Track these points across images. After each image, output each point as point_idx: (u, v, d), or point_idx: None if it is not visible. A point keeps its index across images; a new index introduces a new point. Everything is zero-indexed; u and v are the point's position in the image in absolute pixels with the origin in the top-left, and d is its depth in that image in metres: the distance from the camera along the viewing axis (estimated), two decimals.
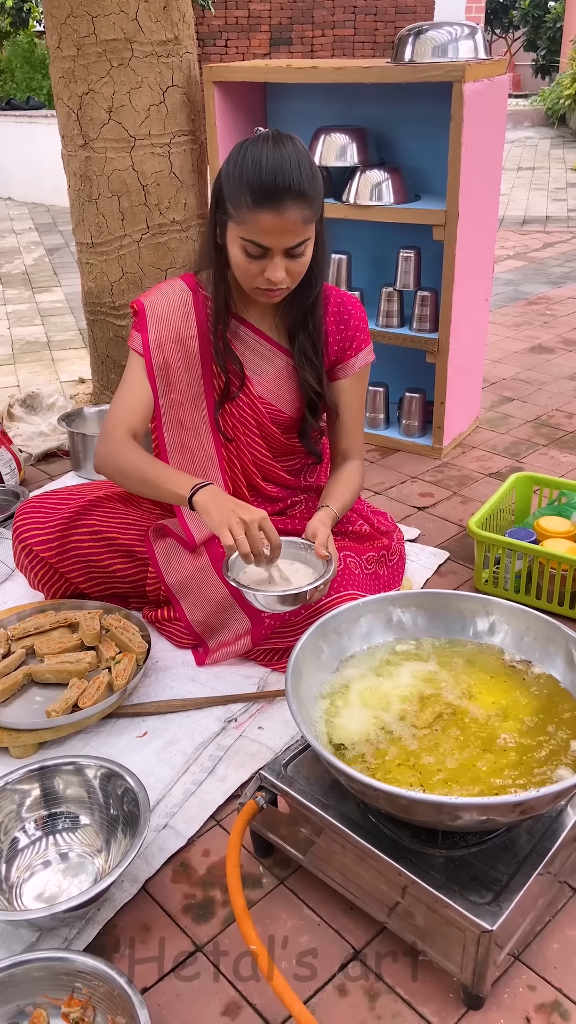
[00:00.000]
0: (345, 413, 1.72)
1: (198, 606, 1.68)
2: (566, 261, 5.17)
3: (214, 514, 1.42)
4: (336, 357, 1.69)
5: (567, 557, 1.77)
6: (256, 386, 1.67)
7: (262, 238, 1.41)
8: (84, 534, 1.72)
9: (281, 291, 1.51)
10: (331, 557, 1.49)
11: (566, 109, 11.53)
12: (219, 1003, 1.10)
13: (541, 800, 0.96)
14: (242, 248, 1.44)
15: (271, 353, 1.67)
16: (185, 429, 1.69)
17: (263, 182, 1.37)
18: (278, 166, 1.37)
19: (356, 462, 1.74)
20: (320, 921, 1.20)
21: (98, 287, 2.64)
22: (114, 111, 2.42)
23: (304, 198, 1.39)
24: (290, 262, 1.45)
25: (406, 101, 2.48)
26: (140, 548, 1.73)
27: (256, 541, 1.41)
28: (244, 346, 1.66)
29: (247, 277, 1.49)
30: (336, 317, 1.67)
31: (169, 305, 1.62)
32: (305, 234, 1.43)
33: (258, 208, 1.38)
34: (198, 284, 1.63)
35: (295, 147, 1.41)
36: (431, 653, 1.29)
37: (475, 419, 2.85)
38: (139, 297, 1.63)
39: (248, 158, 1.40)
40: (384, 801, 1.02)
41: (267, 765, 1.21)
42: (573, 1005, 1.08)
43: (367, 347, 1.71)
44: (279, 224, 1.39)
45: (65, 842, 1.29)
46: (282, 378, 1.68)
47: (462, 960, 1.04)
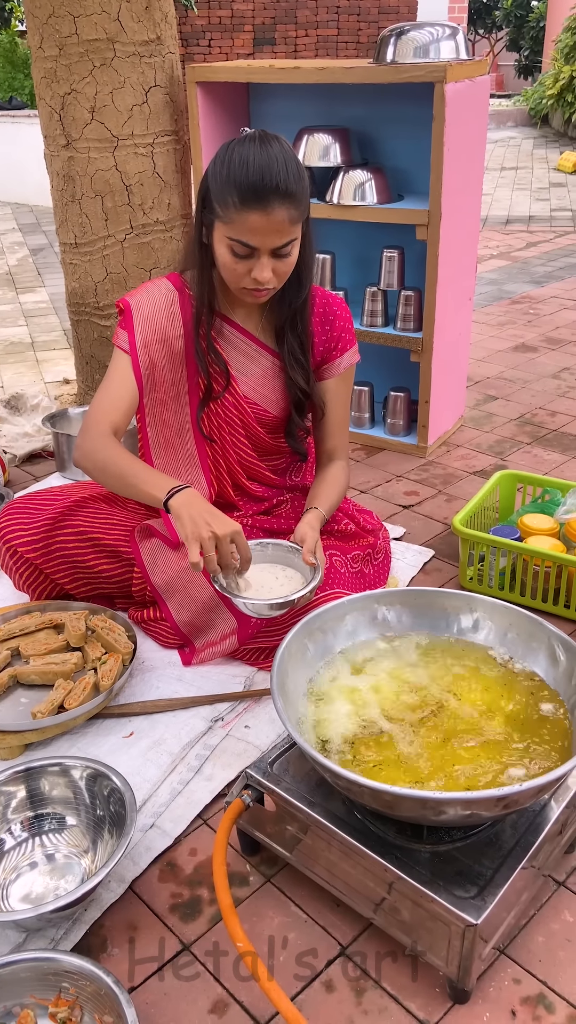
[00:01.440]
0: (330, 413, 1.73)
1: (184, 606, 1.68)
2: (549, 260, 5.21)
3: (186, 524, 1.40)
4: (322, 358, 1.70)
5: (550, 554, 1.78)
6: (241, 386, 1.67)
7: (249, 238, 1.41)
8: (69, 535, 1.72)
9: (267, 291, 1.51)
10: (318, 564, 1.50)
11: (549, 109, 11.59)
12: (207, 1001, 1.10)
13: (524, 794, 0.97)
14: (229, 248, 1.44)
15: (257, 353, 1.67)
16: (169, 428, 1.70)
17: (251, 182, 1.37)
18: (265, 166, 1.37)
19: (341, 462, 1.75)
20: (307, 918, 1.20)
21: (82, 287, 2.63)
22: (97, 111, 2.42)
23: (291, 198, 1.39)
24: (276, 262, 1.46)
25: (388, 101, 2.48)
26: (125, 548, 1.73)
27: (225, 555, 1.40)
28: (230, 346, 1.66)
29: (234, 277, 1.49)
30: (321, 318, 1.68)
31: (155, 305, 1.61)
32: (292, 234, 1.44)
33: (245, 208, 1.38)
34: (184, 284, 1.63)
35: (282, 147, 1.42)
36: (416, 650, 1.30)
37: (459, 418, 2.87)
38: (125, 296, 1.63)
39: (235, 158, 1.40)
40: (369, 797, 1.02)
41: (253, 763, 1.22)
42: (558, 998, 1.09)
43: (352, 348, 1.72)
44: (266, 224, 1.39)
45: (51, 843, 1.29)
46: (268, 378, 1.68)
47: (447, 954, 1.04)
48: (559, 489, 2.06)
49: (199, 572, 1.45)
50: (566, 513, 1.93)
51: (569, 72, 10.44)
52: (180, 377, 1.66)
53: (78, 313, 2.71)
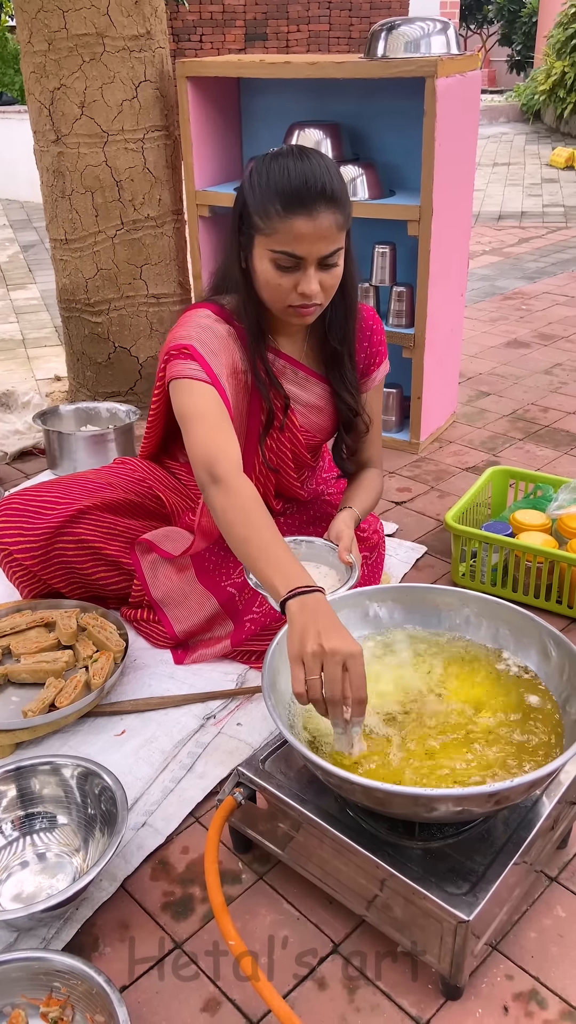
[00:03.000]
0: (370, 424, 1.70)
1: (185, 618, 1.67)
2: (541, 256, 5.21)
3: (295, 635, 1.09)
4: (361, 373, 1.66)
5: (542, 550, 1.78)
6: (297, 416, 1.63)
7: (295, 247, 1.34)
8: (69, 543, 1.65)
9: (314, 308, 1.42)
10: (354, 562, 1.48)
11: (541, 105, 11.59)
12: (198, 999, 1.10)
13: (515, 790, 0.97)
14: (273, 262, 1.36)
15: (307, 381, 1.61)
16: None
17: (294, 187, 1.31)
18: (308, 171, 1.32)
19: (377, 470, 1.74)
20: (299, 916, 1.20)
21: (72, 284, 2.62)
22: (86, 106, 2.41)
23: (336, 202, 1.33)
24: (323, 274, 1.38)
25: (379, 96, 2.48)
26: (126, 559, 1.70)
27: (334, 683, 1.05)
28: (281, 377, 1.59)
29: (278, 294, 1.40)
30: (360, 333, 1.62)
31: (218, 338, 1.49)
32: (338, 242, 1.36)
33: (290, 214, 1.32)
34: (228, 314, 1.51)
35: (321, 156, 1.37)
36: (407, 647, 1.30)
37: (452, 414, 2.86)
38: (178, 340, 1.45)
39: (275, 167, 1.34)
40: (360, 794, 1.02)
41: (245, 761, 1.21)
42: (550, 993, 1.09)
43: (386, 359, 1.69)
44: (313, 229, 1.32)
45: (43, 842, 1.28)
46: (320, 407, 1.65)
47: (440, 951, 1.04)
48: (551, 485, 2.06)
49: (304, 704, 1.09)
50: (558, 509, 1.94)
51: (561, 68, 10.44)
52: (243, 410, 1.59)
53: (69, 310, 2.70)
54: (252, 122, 2.77)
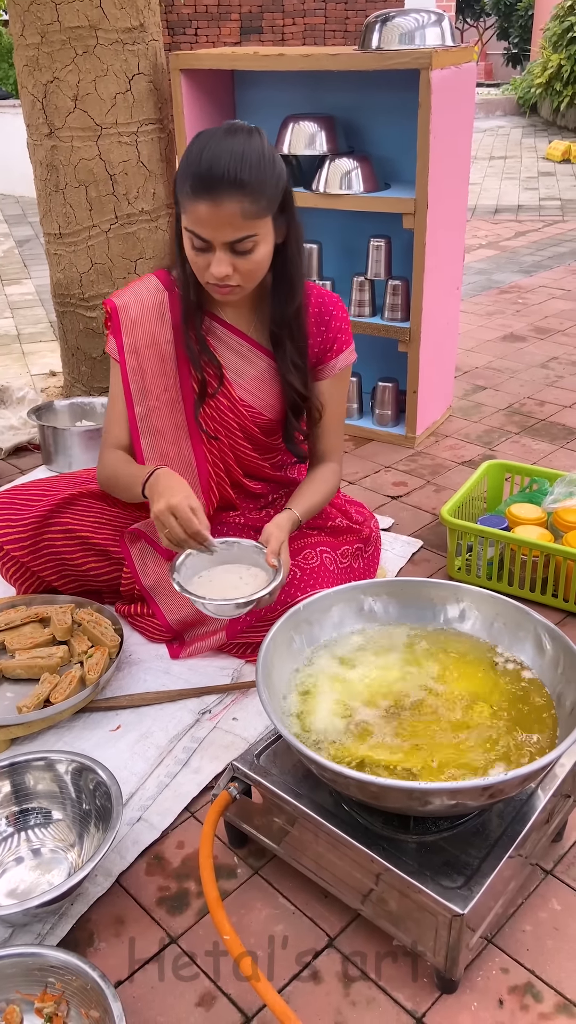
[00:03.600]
0: (325, 415, 1.67)
1: (177, 606, 1.67)
2: (538, 250, 5.20)
3: (152, 510, 1.43)
4: (316, 359, 1.64)
5: (538, 543, 1.78)
6: (237, 389, 1.62)
7: (201, 229, 1.37)
8: (58, 532, 1.68)
9: (232, 288, 1.44)
10: (279, 566, 1.45)
11: (537, 98, 11.57)
12: (194, 994, 1.10)
13: (509, 783, 0.97)
14: (189, 240, 1.40)
15: (251, 354, 1.61)
16: (163, 436, 1.64)
17: (201, 171, 1.33)
18: (217, 155, 1.33)
19: (333, 465, 1.70)
20: (295, 910, 1.20)
21: (67, 278, 2.61)
22: (80, 99, 2.39)
23: (243, 190, 1.33)
24: (237, 259, 1.39)
25: (374, 89, 2.47)
26: (115, 548, 1.71)
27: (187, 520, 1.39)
28: (223, 346, 1.60)
29: (197, 271, 1.44)
30: (316, 318, 1.62)
31: (143, 307, 1.56)
32: (249, 230, 1.37)
33: (196, 197, 1.34)
34: (173, 281, 1.57)
35: (248, 139, 1.36)
36: (402, 641, 1.30)
37: (448, 408, 2.86)
38: (112, 296, 1.58)
39: (195, 146, 1.36)
40: (355, 788, 1.02)
41: (240, 756, 1.21)
42: (545, 986, 1.09)
43: (348, 348, 1.66)
44: (215, 215, 1.34)
45: (37, 838, 1.28)
46: (264, 381, 1.63)
47: (435, 944, 1.04)
48: (547, 478, 2.06)
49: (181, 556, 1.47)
50: (554, 502, 1.93)
51: (558, 61, 10.42)
52: (173, 381, 1.60)
53: (63, 304, 2.68)
54: (247, 115, 2.76)
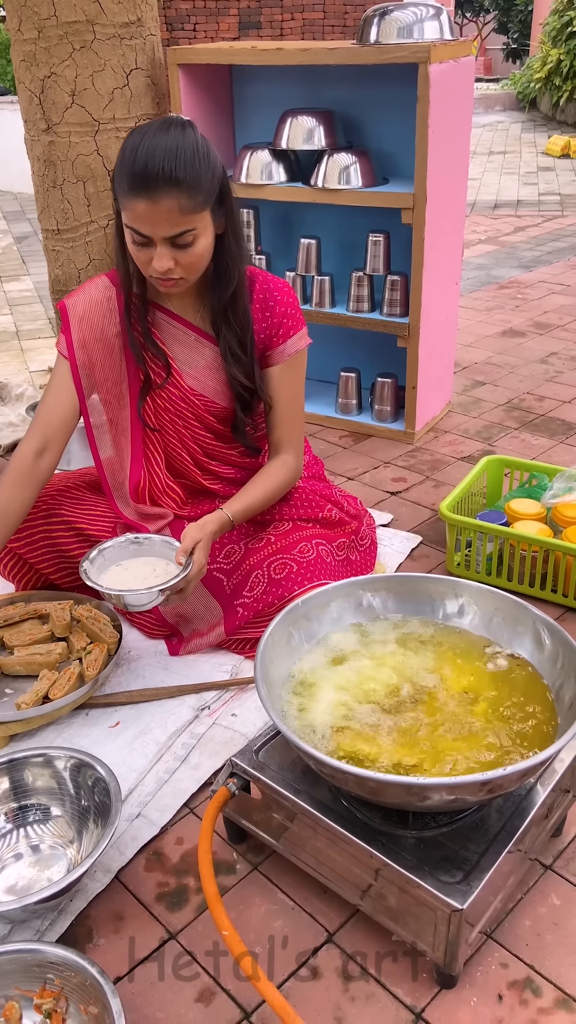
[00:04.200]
0: (277, 402, 1.65)
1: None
2: (537, 245, 5.19)
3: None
4: (263, 345, 1.64)
5: (537, 539, 1.77)
6: (186, 378, 1.63)
7: (140, 226, 1.38)
8: (54, 524, 1.70)
9: (175, 281, 1.46)
10: (185, 564, 1.46)
11: (537, 93, 11.55)
12: (193, 990, 1.10)
13: (508, 778, 0.97)
14: (130, 236, 1.41)
15: (198, 343, 1.62)
16: (116, 427, 1.67)
17: (135, 169, 1.33)
18: (151, 152, 1.33)
19: (286, 456, 1.67)
20: (294, 905, 1.20)
21: (65, 274, 2.60)
22: (77, 94, 2.39)
23: (179, 186, 1.34)
24: (178, 252, 1.41)
25: (373, 83, 2.46)
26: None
27: None
28: (170, 337, 1.62)
29: (140, 265, 1.45)
30: (261, 304, 1.62)
31: (90, 303, 1.58)
32: (186, 224, 1.38)
33: (132, 195, 1.35)
34: (121, 280, 1.57)
35: (182, 134, 1.36)
36: (401, 636, 1.29)
37: (447, 403, 2.85)
38: (64, 298, 1.61)
39: (129, 144, 1.37)
40: (353, 784, 1.02)
41: (239, 752, 1.21)
42: (545, 981, 1.09)
43: (297, 332, 1.64)
44: (153, 212, 1.35)
45: (36, 834, 1.28)
46: (213, 369, 1.64)
47: (434, 940, 1.04)
48: (546, 474, 2.05)
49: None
50: (553, 497, 1.93)
51: (557, 55, 10.39)
52: (121, 375, 1.63)
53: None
54: (244, 110, 2.75)
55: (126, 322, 1.58)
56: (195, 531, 1.51)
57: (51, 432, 1.57)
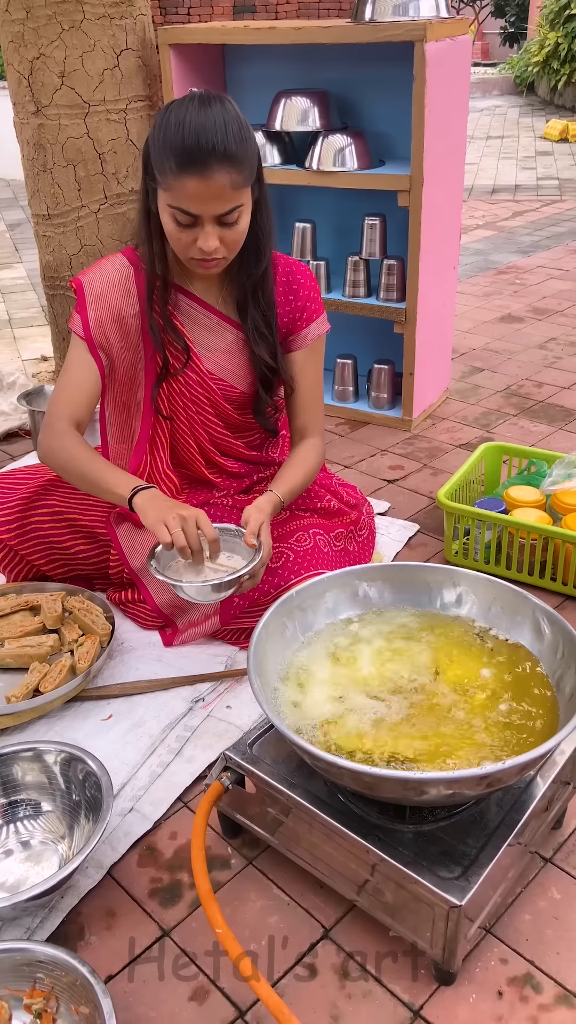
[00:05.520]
0: (300, 387, 1.64)
1: (165, 588, 1.63)
2: (535, 230, 5.14)
3: (150, 512, 1.39)
4: (287, 329, 1.61)
5: (536, 526, 1.75)
6: (205, 362, 1.60)
7: (189, 205, 1.33)
8: (44, 515, 1.67)
9: (218, 261, 1.42)
10: (259, 546, 1.43)
11: (534, 77, 11.45)
12: (186, 988, 1.07)
13: (508, 772, 0.94)
14: (172, 216, 1.37)
15: (219, 327, 1.59)
16: (128, 411, 1.63)
17: (186, 145, 1.29)
18: (202, 127, 1.29)
19: (313, 440, 1.67)
20: (290, 901, 1.17)
21: (56, 260, 2.56)
22: (66, 76, 2.34)
23: (231, 161, 1.31)
24: (224, 230, 1.38)
25: (368, 63, 2.41)
26: (102, 530, 1.68)
27: (193, 535, 1.37)
28: (190, 320, 1.58)
29: (181, 247, 1.41)
30: (285, 287, 1.59)
31: (108, 282, 1.53)
32: (236, 200, 1.35)
33: (183, 173, 1.30)
34: (140, 258, 1.53)
35: (223, 108, 1.33)
36: (397, 627, 1.27)
37: (445, 390, 2.82)
38: (78, 275, 1.55)
39: (172, 120, 1.32)
40: (349, 779, 0.99)
41: (232, 745, 1.18)
42: (545, 977, 1.07)
43: (319, 317, 1.63)
44: (205, 189, 1.31)
45: (27, 830, 1.26)
46: (233, 353, 1.61)
47: (432, 936, 1.02)
48: (545, 460, 2.02)
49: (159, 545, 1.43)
50: (552, 484, 1.90)
51: (555, 39, 10.29)
52: (137, 356, 1.58)
53: (53, 287, 2.64)
54: (238, 91, 2.70)
55: (147, 304, 1.53)
56: (257, 513, 1.47)
57: (78, 412, 1.53)
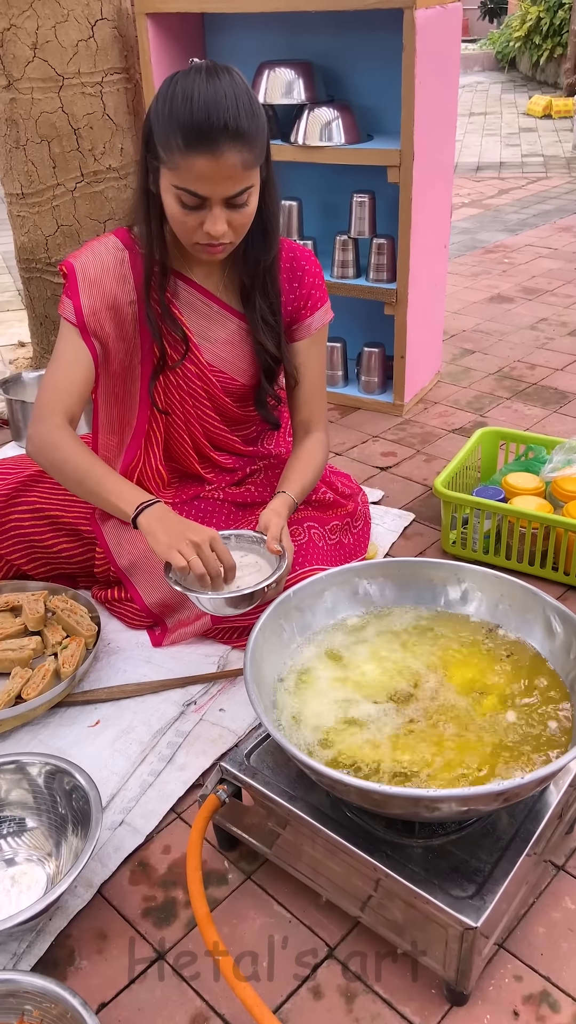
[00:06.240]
0: (304, 379, 1.56)
1: (155, 587, 1.56)
2: (522, 208, 5.06)
3: (161, 537, 1.30)
4: (290, 318, 1.53)
5: (538, 515, 1.68)
6: (205, 353, 1.51)
7: (198, 186, 1.24)
8: (24, 512, 1.59)
9: (224, 246, 1.33)
10: (284, 552, 1.36)
11: (516, 52, 11.32)
12: (184, 1015, 1.01)
13: (526, 787, 0.88)
14: (177, 198, 1.27)
15: (220, 316, 1.50)
16: (122, 404, 1.54)
17: (195, 121, 1.19)
18: (212, 102, 1.19)
19: (318, 434, 1.59)
20: (291, 918, 1.11)
21: (32, 242, 2.46)
22: (39, 47, 2.23)
23: (243, 139, 1.21)
24: (232, 213, 1.28)
25: (355, 32, 2.31)
26: (86, 527, 1.60)
27: (210, 561, 1.29)
28: (190, 309, 1.48)
29: (185, 231, 1.31)
30: (288, 273, 1.50)
31: (102, 266, 1.42)
32: (246, 181, 1.26)
33: (191, 151, 1.20)
34: (134, 240, 1.43)
35: (233, 80, 1.22)
36: (401, 627, 1.20)
37: (436, 373, 2.75)
38: (68, 257, 1.43)
39: (179, 94, 1.21)
40: (355, 795, 0.93)
41: (228, 756, 1.12)
42: (562, 995, 1.02)
43: (324, 305, 1.55)
44: (215, 169, 1.22)
45: (11, 847, 1.19)
46: (234, 343, 1.52)
47: (444, 957, 0.96)
48: (544, 446, 1.96)
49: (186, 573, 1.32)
50: (552, 471, 1.84)
51: (536, 13, 10.16)
52: (133, 346, 1.48)
53: (29, 270, 2.54)
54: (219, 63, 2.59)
55: (144, 292, 1.42)
56: (276, 518, 1.40)
57: (72, 404, 1.42)
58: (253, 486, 1.65)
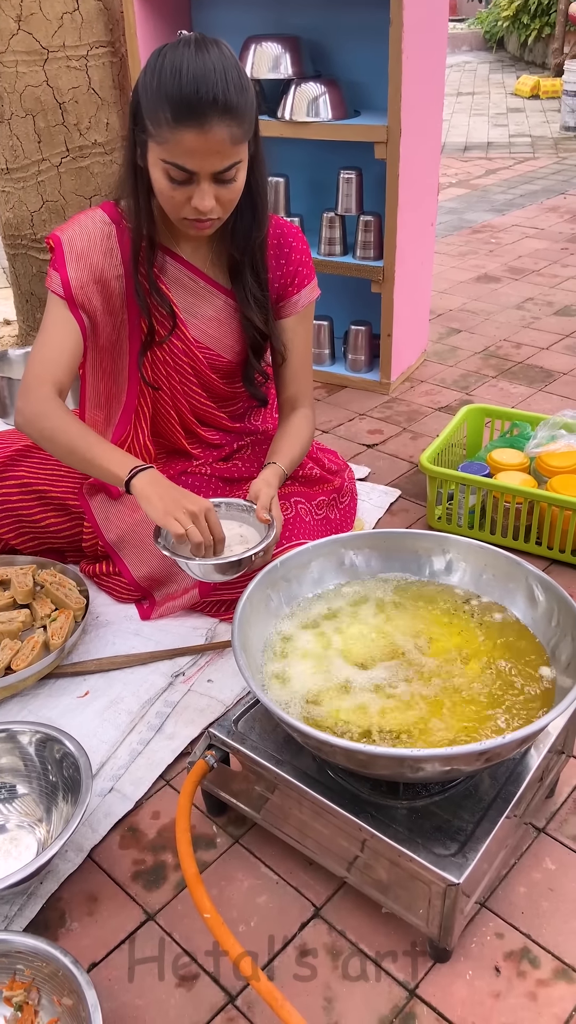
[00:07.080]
0: (291, 356, 1.56)
1: (143, 561, 1.57)
2: (509, 188, 5.06)
3: (156, 503, 1.30)
4: (277, 295, 1.53)
5: (522, 490, 1.71)
6: (192, 329, 1.51)
7: (186, 160, 1.23)
8: (12, 487, 1.59)
9: (212, 222, 1.33)
10: (272, 521, 1.38)
11: (504, 32, 11.25)
12: (173, 974, 1.04)
13: (507, 747, 0.90)
14: (164, 172, 1.26)
15: (207, 292, 1.50)
16: (111, 378, 1.54)
17: (184, 95, 1.18)
18: (201, 75, 1.18)
19: (305, 410, 1.60)
20: (279, 879, 1.14)
21: (17, 218, 2.44)
22: (23, 20, 2.21)
23: (232, 113, 1.21)
24: (220, 188, 1.28)
25: (342, 6, 2.30)
26: (74, 501, 1.61)
27: (206, 532, 1.31)
28: (176, 284, 1.48)
29: (172, 206, 1.31)
30: (275, 250, 1.50)
31: (90, 239, 1.42)
32: (235, 156, 1.25)
33: (179, 125, 1.20)
34: (121, 214, 1.43)
35: (221, 53, 1.22)
36: (386, 596, 1.22)
37: (423, 352, 2.76)
38: (55, 230, 1.43)
39: (167, 66, 1.20)
40: (342, 756, 0.95)
41: (217, 722, 1.14)
42: (542, 951, 1.05)
43: (311, 282, 1.56)
44: (204, 144, 1.21)
45: (2, 814, 1.20)
46: (221, 320, 1.52)
47: (428, 914, 0.99)
48: (528, 423, 1.98)
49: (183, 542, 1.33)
50: (537, 447, 1.86)
51: None
52: (121, 321, 1.48)
53: (14, 247, 2.52)
54: None
55: (131, 266, 1.42)
56: (267, 488, 1.41)
57: (61, 376, 1.41)
58: (240, 461, 1.67)
